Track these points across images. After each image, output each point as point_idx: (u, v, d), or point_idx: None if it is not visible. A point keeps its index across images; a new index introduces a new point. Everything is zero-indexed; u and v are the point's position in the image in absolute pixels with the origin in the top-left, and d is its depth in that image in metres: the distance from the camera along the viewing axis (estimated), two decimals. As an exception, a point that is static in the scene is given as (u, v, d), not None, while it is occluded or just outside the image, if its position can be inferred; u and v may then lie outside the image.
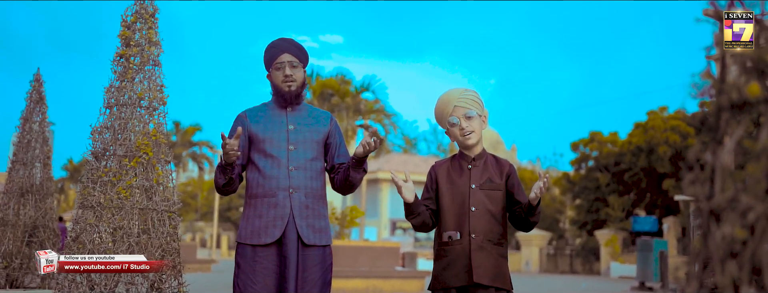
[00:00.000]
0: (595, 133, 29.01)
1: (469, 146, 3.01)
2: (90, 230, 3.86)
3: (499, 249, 2.94)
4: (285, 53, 3.10)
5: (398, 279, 14.96)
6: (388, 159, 39.46)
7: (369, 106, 24.53)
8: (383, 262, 15.44)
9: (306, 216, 3.02)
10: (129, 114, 4.07)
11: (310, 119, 3.17)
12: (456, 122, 2.98)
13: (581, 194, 29.87)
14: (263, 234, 2.98)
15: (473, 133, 2.98)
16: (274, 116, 3.13)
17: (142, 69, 4.16)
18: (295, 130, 3.10)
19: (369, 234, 33.74)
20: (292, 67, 3.10)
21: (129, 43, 4.16)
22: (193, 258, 23.35)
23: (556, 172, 37.22)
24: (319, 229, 3.05)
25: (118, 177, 3.93)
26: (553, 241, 33.04)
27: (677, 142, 25.07)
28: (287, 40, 3.17)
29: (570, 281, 22.22)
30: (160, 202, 3.99)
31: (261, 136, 3.08)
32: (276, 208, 2.99)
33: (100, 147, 4.03)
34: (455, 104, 2.98)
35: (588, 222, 29.44)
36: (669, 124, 25.55)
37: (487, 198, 2.94)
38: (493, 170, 3.01)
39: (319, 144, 3.14)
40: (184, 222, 55.05)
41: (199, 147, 40.93)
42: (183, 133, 39.49)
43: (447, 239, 2.94)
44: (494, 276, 2.88)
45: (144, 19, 4.22)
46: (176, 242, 4.05)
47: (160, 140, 4.09)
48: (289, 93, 3.09)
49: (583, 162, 29.80)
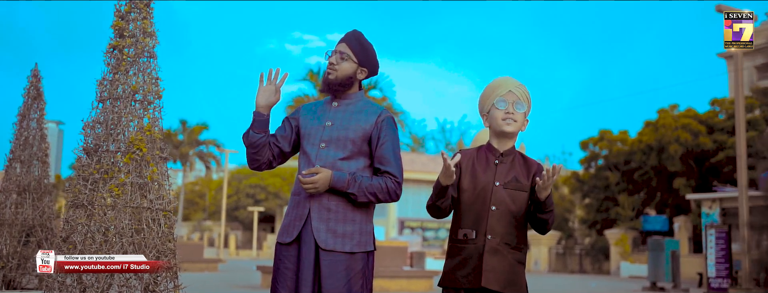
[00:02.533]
0: (605, 132, 28.75)
1: (503, 133, 2.79)
2: (81, 230, 3.67)
3: (516, 254, 2.73)
4: (343, 43, 2.97)
5: (406, 278, 14.78)
6: (395, 158, 39.22)
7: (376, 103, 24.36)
8: (391, 262, 15.27)
9: (327, 219, 2.80)
10: (123, 108, 3.88)
11: (354, 115, 2.91)
12: (503, 107, 2.78)
13: (591, 193, 29.63)
14: (285, 233, 2.86)
15: (515, 122, 2.79)
16: (321, 111, 2.97)
17: (137, 61, 3.97)
18: (331, 127, 2.89)
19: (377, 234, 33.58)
20: (341, 58, 2.92)
21: (123, 33, 3.97)
22: (200, 257, 23.27)
23: (566, 171, 37.00)
24: (343, 234, 2.80)
25: (110, 175, 3.74)
26: (562, 241, 32.82)
27: (688, 141, 24.77)
28: (356, 33, 3.01)
29: (579, 281, 22.00)
30: (155, 201, 3.80)
31: (303, 130, 2.95)
32: (297, 208, 2.85)
33: (91, 142, 3.84)
34: (511, 89, 2.81)
35: (597, 222, 29.20)
36: (680, 123, 25.25)
37: (510, 198, 2.74)
38: (520, 169, 2.80)
39: (356, 143, 2.85)
40: (192, 222, 55.04)
41: (206, 146, 40.85)
42: (190, 131, 39.42)
43: (462, 236, 2.75)
44: (507, 282, 2.68)
45: (138, 9, 4.03)
46: (172, 242, 3.86)
47: (155, 135, 3.90)
48: (327, 81, 2.93)
49: (593, 161, 29.55)
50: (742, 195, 14.04)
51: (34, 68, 6.89)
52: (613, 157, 28.10)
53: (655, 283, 16.84)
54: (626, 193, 27.85)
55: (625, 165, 27.73)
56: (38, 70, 6.87)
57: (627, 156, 27.40)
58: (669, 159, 25.25)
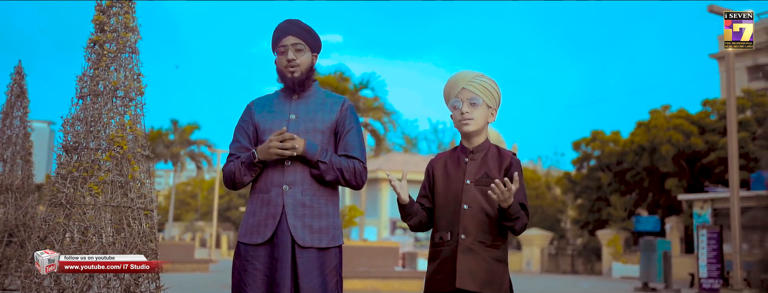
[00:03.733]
0: (597, 132, 28.76)
1: (465, 134, 2.74)
2: (59, 230, 3.57)
3: (493, 252, 2.65)
4: (289, 36, 2.82)
5: (398, 279, 14.71)
6: (388, 159, 39.19)
7: (368, 103, 24.26)
8: (382, 262, 15.19)
9: (302, 215, 2.72)
10: (103, 104, 3.78)
11: (318, 107, 2.85)
12: (458, 106, 2.72)
13: (583, 194, 29.64)
14: (255, 234, 2.73)
15: (472, 120, 2.70)
16: (278, 104, 2.86)
17: (118, 56, 3.87)
18: (296, 120, 2.80)
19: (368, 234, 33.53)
20: (297, 51, 2.81)
21: (104, 28, 3.87)
22: (191, 258, 23.14)
23: (558, 172, 36.95)
24: (318, 230, 2.74)
25: (90, 173, 3.64)
26: (554, 241, 32.82)
27: (680, 141, 24.79)
28: (293, 21, 2.87)
29: (571, 281, 21.97)
30: (136, 199, 3.70)
31: (262, 126, 2.82)
32: (268, 206, 2.73)
33: (71, 140, 3.74)
34: (463, 86, 2.73)
35: (590, 222, 29.21)
36: (672, 123, 25.27)
37: (483, 195, 2.66)
38: (493, 163, 2.72)
39: (325, 134, 2.81)
40: (183, 222, 54.82)
41: (197, 146, 40.66)
42: (181, 131, 39.23)
43: (439, 239, 2.70)
44: (484, 282, 2.59)
45: (120, 4, 3.93)
46: (153, 242, 3.76)
47: (137, 133, 3.80)
48: (291, 79, 2.81)
49: (585, 162, 29.56)
50: (734, 195, 14.02)
51: (17, 65, 6.77)
52: (605, 158, 28.11)
53: (646, 284, 16.82)
54: (618, 194, 27.86)
55: (617, 166, 27.74)
56: (22, 68, 6.76)
57: (619, 157, 27.41)
58: (661, 160, 25.27)
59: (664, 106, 27.29)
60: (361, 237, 27.05)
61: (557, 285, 19.48)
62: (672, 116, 25.98)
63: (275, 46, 2.85)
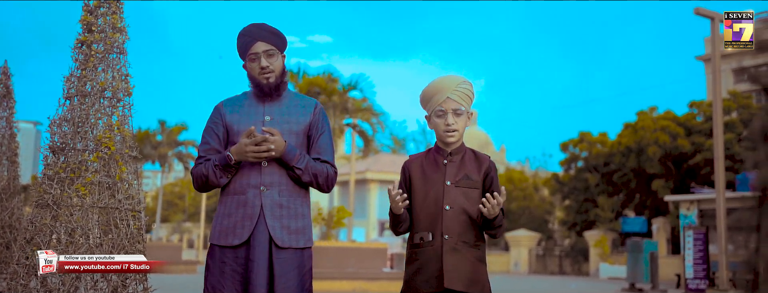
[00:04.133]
0: (585, 134, 28.88)
1: (447, 142, 2.77)
2: (45, 231, 3.55)
3: (475, 252, 2.68)
4: (259, 41, 2.80)
5: (386, 280, 14.70)
6: (376, 160, 39.19)
7: (356, 104, 24.24)
8: (371, 263, 15.19)
9: (280, 216, 2.74)
10: (90, 105, 3.76)
11: (291, 109, 2.87)
12: (442, 115, 2.75)
13: (570, 195, 29.76)
14: (231, 235, 2.72)
15: (457, 132, 2.75)
16: (251, 106, 2.85)
17: (106, 57, 3.85)
18: (271, 122, 2.81)
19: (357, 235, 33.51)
20: (269, 57, 2.80)
21: (91, 28, 3.85)
22: (178, 259, 23.05)
23: (546, 173, 37.06)
24: (295, 230, 2.76)
25: (77, 174, 3.62)
26: (542, 242, 32.93)
27: (667, 143, 24.94)
28: (260, 25, 2.86)
29: (559, 282, 22.04)
30: (124, 200, 3.69)
31: (235, 127, 2.81)
32: (245, 207, 2.72)
33: (58, 140, 3.72)
34: (449, 95, 2.74)
35: (577, 223, 29.33)
36: (659, 125, 25.44)
37: (464, 196, 2.69)
38: (471, 166, 2.75)
39: (299, 136, 2.83)
40: (171, 223, 54.55)
41: (185, 146, 40.50)
42: (169, 132, 39.05)
43: (418, 241, 2.71)
44: (469, 281, 2.63)
45: (108, 4, 3.91)
46: (141, 244, 3.75)
47: (125, 133, 3.78)
48: (267, 85, 2.81)
49: (573, 163, 29.68)
50: (720, 196, 14.12)
51: (3, 65, 6.72)
52: (592, 159, 28.25)
53: (633, 284, 16.90)
54: (606, 195, 27.99)
55: (604, 167, 27.88)
56: (8, 68, 6.71)
57: (606, 158, 27.55)
58: (648, 161, 25.41)
59: (651, 108, 27.46)
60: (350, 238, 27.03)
61: (545, 286, 19.54)
62: (659, 118, 26.15)
63: (245, 52, 2.83)
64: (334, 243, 15.70)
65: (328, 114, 23.37)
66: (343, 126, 24.54)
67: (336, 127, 23.85)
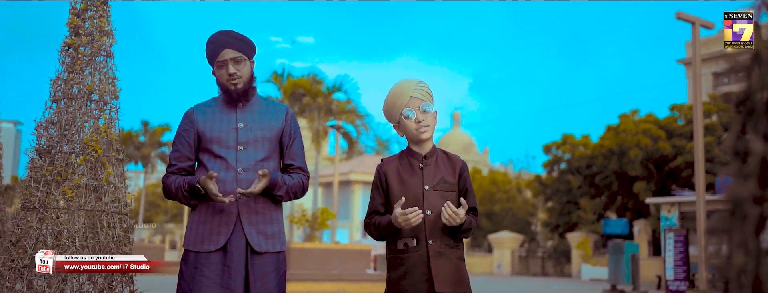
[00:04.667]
0: (568, 136, 29.08)
1: (422, 141, 2.77)
2: (32, 233, 3.55)
3: (456, 253, 2.73)
4: (226, 48, 2.83)
5: (369, 282, 14.74)
6: (360, 161, 39.19)
7: (341, 106, 24.25)
8: (354, 265, 15.22)
9: (256, 221, 2.78)
10: (77, 108, 3.76)
11: (263, 115, 2.90)
12: (411, 116, 2.75)
13: (553, 197, 29.94)
14: (207, 241, 2.74)
15: (428, 127, 2.76)
16: (222, 113, 2.87)
17: (93, 60, 3.86)
18: (245, 129, 2.84)
19: (340, 237, 33.47)
20: (236, 63, 2.83)
21: (78, 31, 3.86)
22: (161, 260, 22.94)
23: (529, 175, 37.22)
24: (271, 235, 2.81)
25: (64, 177, 3.63)
26: (525, 244, 33.09)
27: (648, 146, 25.18)
28: (227, 33, 2.89)
29: (542, 283, 22.17)
30: (111, 203, 3.70)
31: (208, 134, 2.83)
32: (221, 214, 2.75)
33: (44, 143, 3.72)
34: (411, 95, 2.76)
35: (560, 225, 29.52)
36: (640, 127, 25.67)
37: (443, 199, 2.70)
38: (446, 169, 2.78)
39: (272, 142, 2.87)
40: (153, 224, 54.15)
41: (168, 147, 40.28)
42: (152, 132, 38.83)
43: (402, 247, 2.71)
44: (455, 282, 2.68)
45: (95, 7, 3.92)
46: (128, 246, 3.76)
47: (112, 136, 3.79)
48: (235, 92, 2.83)
49: (556, 165, 29.88)
50: (700, 199, 14.28)
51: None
52: (575, 161, 28.45)
53: (615, 286, 17.05)
54: (588, 197, 28.20)
55: (587, 169, 28.09)
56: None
57: (589, 161, 27.75)
58: (629, 164, 25.64)
59: (633, 111, 27.72)
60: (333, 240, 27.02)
61: (528, 287, 19.65)
62: (640, 121, 26.39)
63: (213, 59, 2.86)
64: (318, 245, 15.70)
65: (312, 115, 23.37)
66: (327, 127, 24.54)
67: (320, 129, 23.84)
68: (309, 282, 13.99)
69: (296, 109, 23.22)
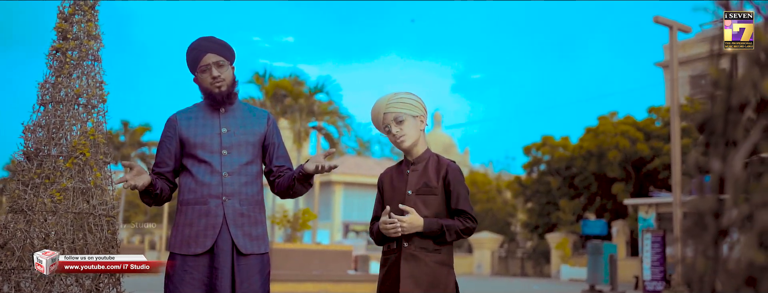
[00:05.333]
0: (547, 137, 29.33)
1: (405, 149, 2.90)
2: (20, 236, 3.59)
3: (435, 256, 2.78)
4: (208, 53, 2.91)
5: (350, 282, 14.80)
6: (341, 162, 39.23)
7: (323, 107, 24.29)
8: (336, 266, 15.26)
9: (241, 224, 2.86)
10: (65, 111, 3.80)
11: (246, 120, 2.99)
12: (390, 130, 2.88)
13: (533, 197, 30.18)
14: (194, 244, 2.82)
15: (405, 136, 2.86)
16: (205, 118, 2.95)
17: (81, 64, 3.90)
18: (228, 133, 2.92)
19: (321, 238, 33.48)
20: (219, 67, 2.91)
21: (66, 36, 3.89)
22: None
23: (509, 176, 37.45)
24: (256, 237, 2.89)
25: (51, 180, 3.67)
26: (504, 244, 33.31)
27: (627, 147, 25.48)
28: (208, 39, 2.98)
29: (522, 284, 22.36)
30: (98, 206, 3.74)
31: (192, 140, 2.91)
32: (207, 217, 2.83)
33: (32, 146, 3.76)
34: (384, 112, 2.88)
35: (539, 226, 29.76)
36: (619, 129, 25.96)
37: (423, 203, 2.81)
38: (432, 173, 2.87)
39: (256, 146, 2.97)
40: (132, 225, 53.78)
41: (148, 147, 40.07)
42: (132, 132, 38.61)
43: (386, 248, 2.86)
44: (429, 285, 2.74)
45: (83, 11, 3.96)
46: (115, 248, 3.80)
47: (99, 140, 3.83)
48: (220, 94, 2.92)
49: (535, 166, 30.11)
50: (677, 200, 14.52)
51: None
52: (554, 163, 28.70)
53: (593, 286, 17.24)
54: (567, 198, 28.46)
55: (566, 171, 28.35)
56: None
57: (568, 162, 28.02)
58: (608, 165, 25.92)
59: (611, 113, 28.03)
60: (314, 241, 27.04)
61: (508, 288, 19.81)
62: (619, 123, 26.69)
63: (196, 65, 2.92)
64: (299, 246, 15.73)
65: (294, 117, 23.37)
66: (308, 128, 24.57)
67: (302, 130, 23.86)
68: (290, 283, 14.02)
69: (278, 110, 23.21)
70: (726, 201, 0.76)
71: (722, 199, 0.76)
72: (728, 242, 0.80)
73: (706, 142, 0.86)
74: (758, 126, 0.74)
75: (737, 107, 0.76)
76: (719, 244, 0.79)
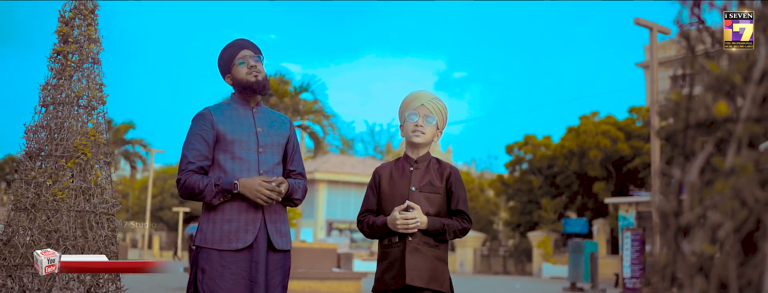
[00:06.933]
0: (530, 137, 29.59)
1: (414, 144, 3.03)
2: (23, 233, 3.70)
3: (435, 251, 2.95)
4: (244, 49, 3.06)
5: (335, 280, 14.92)
6: (325, 160, 39.33)
7: (308, 106, 24.39)
8: (320, 263, 15.37)
9: (275, 220, 2.98)
10: (66, 113, 3.92)
11: (274, 122, 3.12)
12: (414, 119, 3.00)
13: (515, 196, 30.43)
14: (234, 239, 2.88)
15: (423, 134, 3.01)
16: (241, 117, 3.04)
17: (81, 67, 4.02)
18: (263, 133, 3.03)
19: (305, 236, 33.55)
20: (256, 61, 3.05)
21: (67, 39, 4.01)
22: (124, 259, 22.78)
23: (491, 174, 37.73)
24: (285, 233, 3.02)
25: (53, 179, 3.79)
26: (487, 242, 33.55)
27: (608, 147, 25.79)
28: (243, 39, 3.13)
29: (504, 282, 22.59)
30: (99, 204, 3.86)
31: (230, 137, 2.97)
32: (247, 213, 2.91)
33: (34, 146, 3.87)
34: (423, 103, 3.02)
35: (521, 224, 30.01)
36: (600, 129, 26.27)
37: (427, 200, 2.96)
38: (435, 173, 3.03)
39: (283, 147, 3.10)
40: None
41: (132, 145, 39.93)
42: (115, 130, 38.44)
43: (387, 242, 2.97)
44: (429, 278, 2.90)
45: (83, 16, 4.08)
46: (115, 245, 3.93)
47: (99, 140, 3.95)
48: (257, 83, 3.00)
49: (518, 165, 30.36)
50: (656, 199, 14.76)
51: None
52: (537, 162, 28.96)
53: (574, 284, 17.48)
54: (549, 197, 28.74)
55: (548, 170, 28.63)
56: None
57: (550, 161, 28.30)
58: (589, 164, 26.24)
59: (593, 112, 28.33)
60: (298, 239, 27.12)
61: (490, 286, 20.02)
62: (600, 122, 27.00)
63: (231, 59, 3.02)
64: (285, 244, 15.79)
65: (279, 115, 23.37)
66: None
67: (286, 128, 23.86)
68: (276, 281, 14.12)
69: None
70: (684, 203, 0.91)
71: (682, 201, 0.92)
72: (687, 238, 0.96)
73: (670, 154, 1.03)
74: (711, 141, 0.90)
75: (695, 125, 0.92)
76: (679, 239, 0.95)
